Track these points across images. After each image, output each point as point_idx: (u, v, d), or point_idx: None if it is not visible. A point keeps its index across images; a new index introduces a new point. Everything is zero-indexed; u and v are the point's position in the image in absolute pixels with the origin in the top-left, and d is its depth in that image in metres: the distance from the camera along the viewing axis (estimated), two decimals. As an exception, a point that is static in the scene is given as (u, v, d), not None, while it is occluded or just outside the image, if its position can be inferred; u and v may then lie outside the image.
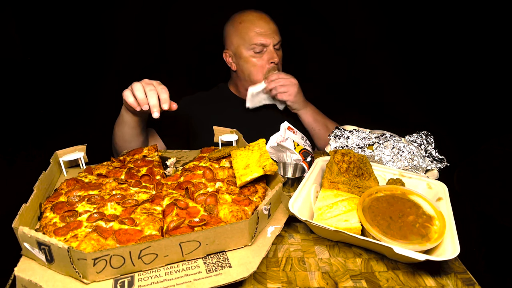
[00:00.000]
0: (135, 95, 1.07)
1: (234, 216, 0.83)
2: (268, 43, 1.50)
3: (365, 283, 0.75)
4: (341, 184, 0.95)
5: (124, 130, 1.26)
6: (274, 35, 1.51)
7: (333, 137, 1.23)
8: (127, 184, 0.96)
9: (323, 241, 0.87)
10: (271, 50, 1.51)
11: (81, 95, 1.93)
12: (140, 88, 1.07)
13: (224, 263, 0.73)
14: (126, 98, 1.09)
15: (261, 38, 1.49)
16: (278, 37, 1.52)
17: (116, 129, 1.29)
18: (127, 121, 1.23)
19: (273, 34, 1.51)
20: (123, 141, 1.29)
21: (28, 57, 1.86)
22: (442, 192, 0.96)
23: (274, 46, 1.52)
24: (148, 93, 1.06)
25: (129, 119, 1.22)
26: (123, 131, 1.26)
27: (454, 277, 0.77)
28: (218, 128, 1.27)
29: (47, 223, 0.79)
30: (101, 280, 0.68)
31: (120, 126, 1.27)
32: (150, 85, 1.08)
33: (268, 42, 1.50)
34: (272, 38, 1.50)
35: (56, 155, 1.04)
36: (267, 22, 1.52)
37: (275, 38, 1.51)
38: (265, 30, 1.50)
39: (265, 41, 1.49)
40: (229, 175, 1.01)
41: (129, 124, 1.23)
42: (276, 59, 1.52)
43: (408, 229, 0.81)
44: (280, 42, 1.54)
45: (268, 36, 1.50)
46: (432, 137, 1.18)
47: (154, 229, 0.77)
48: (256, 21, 1.51)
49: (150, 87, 1.07)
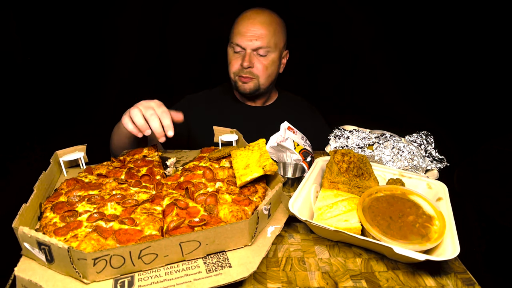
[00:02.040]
0: (135, 121, 1.03)
1: (234, 216, 0.83)
2: (244, 46, 1.43)
3: (365, 283, 0.75)
4: (341, 184, 0.95)
5: (121, 138, 1.24)
6: (256, 40, 1.42)
7: (333, 137, 1.23)
8: (127, 184, 0.96)
9: (323, 241, 0.88)
10: (249, 53, 1.44)
11: (81, 95, 1.93)
12: (138, 114, 1.02)
13: (224, 263, 0.73)
14: (126, 125, 1.04)
15: (239, 38, 1.44)
16: (262, 43, 1.42)
17: (115, 136, 1.27)
18: (126, 133, 1.19)
19: (256, 38, 1.42)
20: (120, 148, 1.27)
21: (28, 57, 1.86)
22: (442, 192, 0.96)
23: (255, 51, 1.44)
24: (149, 118, 1.02)
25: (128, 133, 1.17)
26: (120, 139, 1.24)
27: (454, 277, 0.77)
28: (218, 128, 1.26)
29: (47, 223, 0.79)
30: (101, 280, 0.68)
31: (117, 135, 1.25)
32: (150, 109, 1.03)
33: (244, 45, 1.43)
34: (250, 43, 1.42)
35: (56, 155, 1.04)
36: (256, 24, 1.42)
37: (254, 43, 1.42)
38: (247, 32, 1.42)
39: (241, 43, 1.43)
40: (229, 175, 1.01)
41: (127, 135, 1.21)
42: (246, 64, 1.43)
43: (408, 229, 0.81)
44: (267, 49, 1.44)
45: (246, 39, 1.42)
46: (432, 137, 1.18)
47: (154, 229, 0.77)
48: (247, 20, 1.44)
49: (150, 111, 1.03)
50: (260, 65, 1.47)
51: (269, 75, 1.51)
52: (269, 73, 1.51)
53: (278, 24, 1.48)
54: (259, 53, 1.45)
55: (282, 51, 1.53)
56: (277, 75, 1.58)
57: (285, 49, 1.56)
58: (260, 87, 1.52)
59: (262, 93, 1.58)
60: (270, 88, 1.60)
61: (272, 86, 1.62)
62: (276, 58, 1.49)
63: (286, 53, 1.58)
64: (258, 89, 1.52)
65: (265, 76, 1.50)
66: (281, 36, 1.50)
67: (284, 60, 1.59)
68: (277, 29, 1.47)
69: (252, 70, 1.47)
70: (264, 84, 1.52)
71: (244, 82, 1.49)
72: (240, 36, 1.44)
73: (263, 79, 1.50)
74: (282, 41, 1.51)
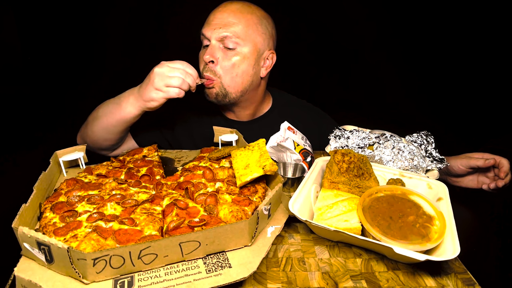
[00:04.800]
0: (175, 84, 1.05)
1: (234, 216, 0.83)
2: (209, 36, 1.21)
3: (365, 283, 0.74)
4: (341, 184, 0.95)
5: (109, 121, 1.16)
6: (221, 28, 1.18)
7: (333, 137, 1.23)
8: (127, 184, 0.96)
9: (323, 241, 0.87)
10: (212, 45, 1.21)
11: (81, 95, 1.93)
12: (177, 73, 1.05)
13: (224, 263, 0.73)
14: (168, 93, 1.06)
15: (205, 28, 1.23)
16: (228, 32, 1.18)
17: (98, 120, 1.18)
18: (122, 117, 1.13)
19: (220, 26, 1.19)
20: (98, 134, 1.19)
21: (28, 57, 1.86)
22: (442, 192, 0.95)
23: (221, 41, 1.20)
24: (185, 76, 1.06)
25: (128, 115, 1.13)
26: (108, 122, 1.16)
27: (454, 277, 0.77)
28: (218, 128, 1.26)
29: (47, 223, 0.79)
30: (101, 280, 0.68)
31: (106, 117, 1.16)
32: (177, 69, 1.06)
33: (208, 35, 1.21)
34: (215, 31, 1.19)
35: (56, 155, 1.04)
36: (225, 12, 1.21)
37: (219, 31, 1.18)
38: (213, 20, 1.22)
39: (206, 32, 1.22)
40: (229, 175, 1.01)
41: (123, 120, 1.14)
42: (207, 57, 1.19)
43: (408, 229, 0.81)
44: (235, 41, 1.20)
45: (211, 27, 1.20)
46: (433, 137, 1.18)
47: (154, 229, 0.77)
48: (217, 8, 1.25)
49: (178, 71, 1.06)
50: (226, 62, 1.21)
51: (237, 75, 1.22)
52: (238, 73, 1.22)
53: (258, 17, 1.25)
54: (226, 45, 1.20)
55: (261, 50, 1.27)
56: (258, 81, 1.31)
57: (269, 49, 1.30)
58: (228, 91, 1.24)
59: (240, 101, 1.31)
60: (253, 93, 1.33)
61: (256, 92, 1.34)
62: (249, 55, 1.23)
63: (270, 54, 1.30)
64: (225, 94, 1.24)
65: (230, 77, 1.22)
66: (260, 32, 1.25)
67: (268, 63, 1.31)
68: (254, 21, 1.23)
69: (214, 67, 1.21)
70: (232, 88, 1.24)
71: (207, 86, 1.23)
72: (206, 25, 1.23)
73: (227, 80, 1.22)
74: (262, 38, 1.26)
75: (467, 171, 1.18)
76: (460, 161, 1.18)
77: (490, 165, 1.13)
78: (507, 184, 1.12)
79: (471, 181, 1.20)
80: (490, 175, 1.16)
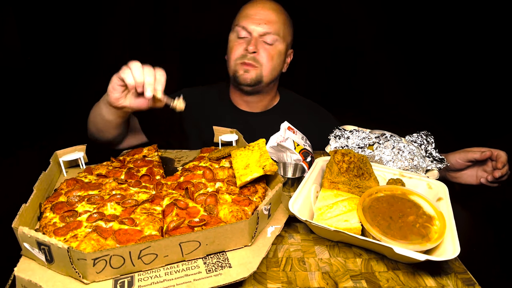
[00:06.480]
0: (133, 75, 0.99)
1: (234, 216, 0.83)
2: (251, 30, 1.33)
3: (365, 283, 0.74)
4: (341, 184, 0.95)
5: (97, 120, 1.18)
6: (265, 24, 1.32)
7: (333, 137, 1.23)
8: (127, 184, 0.96)
9: (323, 241, 0.87)
10: (255, 38, 1.33)
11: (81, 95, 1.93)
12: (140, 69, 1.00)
13: (224, 263, 0.73)
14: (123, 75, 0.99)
15: (246, 21, 1.33)
16: (271, 29, 1.33)
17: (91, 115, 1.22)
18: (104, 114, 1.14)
19: (265, 22, 1.32)
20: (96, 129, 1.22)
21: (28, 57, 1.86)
22: (442, 192, 0.95)
23: (262, 36, 1.34)
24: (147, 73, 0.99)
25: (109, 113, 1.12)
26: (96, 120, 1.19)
27: (454, 277, 0.77)
28: (218, 128, 1.26)
29: (47, 223, 0.79)
30: (101, 280, 0.68)
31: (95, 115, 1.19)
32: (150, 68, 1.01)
33: (250, 29, 1.33)
34: (259, 26, 1.32)
35: (56, 155, 1.04)
36: (267, 9, 1.34)
37: (263, 27, 1.32)
38: (256, 14, 1.33)
39: (248, 26, 1.33)
40: (229, 175, 1.01)
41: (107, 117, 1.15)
42: (252, 48, 1.32)
43: (408, 229, 0.81)
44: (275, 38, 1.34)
45: (254, 22, 1.32)
46: (432, 137, 1.18)
47: (154, 229, 0.77)
48: (256, 4, 1.36)
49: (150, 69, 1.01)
50: (266, 53, 1.35)
51: (273, 67, 1.38)
52: (274, 65, 1.38)
53: (287, 17, 1.40)
54: (265, 40, 1.35)
55: (288, 47, 1.44)
56: (280, 74, 1.47)
57: (290, 48, 1.47)
58: (263, 79, 1.38)
59: (262, 90, 1.45)
60: (272, 86, 1.48)
61: (274, 85, 1.50)
62: (282, 51, 1.39)
63: (291, 52, 1.48)
64: (260, 81, 1.38)
65: (269, 67, 1.37)
66: (289, 31, 1.41)
67: (289, 59, 1.48)
68: (286, 21, 1.39)
69: (257, 56, 1.34)
70: (267, 77, 1.39)
71: (246, 71, 1.35)
72: (248, 19, 1.33)
73: (267, 70, 1.37)
74: (290, 37, 1.42)
75: (465, 164, 1.19)
76: (458, 155, 1.19)
77: (486, 157, 1.13)
78: (504, 175, 1.12)
79: (470, 177, 1.21)
80: (489, 169, 1.17)
